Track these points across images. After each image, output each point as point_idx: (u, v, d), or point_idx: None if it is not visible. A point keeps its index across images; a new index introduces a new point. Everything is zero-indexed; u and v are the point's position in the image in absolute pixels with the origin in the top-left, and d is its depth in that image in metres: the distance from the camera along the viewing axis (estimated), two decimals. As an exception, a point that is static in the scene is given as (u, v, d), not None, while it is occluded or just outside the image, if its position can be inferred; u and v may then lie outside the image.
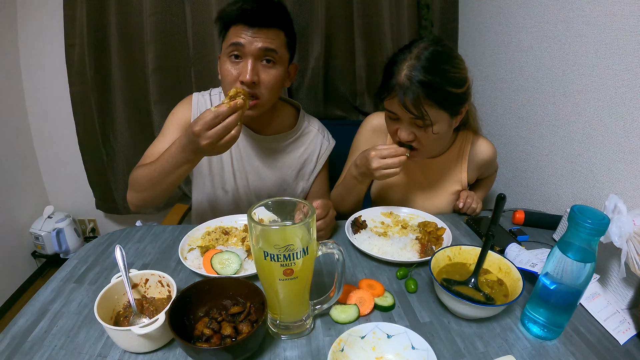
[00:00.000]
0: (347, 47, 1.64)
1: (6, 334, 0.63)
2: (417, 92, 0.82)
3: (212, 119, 0.75)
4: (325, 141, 1.16)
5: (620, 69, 0.90)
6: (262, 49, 0.88)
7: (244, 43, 0.87)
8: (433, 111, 0.84)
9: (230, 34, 0.90)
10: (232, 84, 0.90)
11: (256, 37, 0.87)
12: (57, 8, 1.64)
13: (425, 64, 0.82)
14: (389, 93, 0.87)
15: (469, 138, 1.07)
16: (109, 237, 0.93)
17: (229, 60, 0.91)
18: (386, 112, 0.94)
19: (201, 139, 0.76)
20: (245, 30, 0.88)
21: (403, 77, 0.83)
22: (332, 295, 0.66)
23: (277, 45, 0.90)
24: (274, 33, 0.90)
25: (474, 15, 1.56)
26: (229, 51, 0.90)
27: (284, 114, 1.11)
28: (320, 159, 1.15)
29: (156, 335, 0.58)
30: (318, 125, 1.17)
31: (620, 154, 0.92)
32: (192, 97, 1.08)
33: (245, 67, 0.88)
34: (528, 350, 0.62)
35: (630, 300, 0.71)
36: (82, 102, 1.74)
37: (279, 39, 0.91)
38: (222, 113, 0.76)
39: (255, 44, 0.87)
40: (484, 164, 1.09)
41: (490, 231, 0.77)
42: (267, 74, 0.91)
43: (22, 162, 1.93)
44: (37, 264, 2.07)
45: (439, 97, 0.83)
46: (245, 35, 0.87)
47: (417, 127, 0.89)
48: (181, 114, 1.06)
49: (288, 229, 0.56)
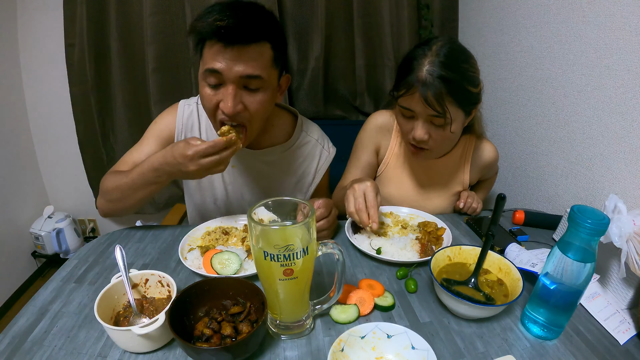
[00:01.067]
0: (347, 47, 1.65)
1: (6, 334, 0.63)
2: (439, 88, 0.81)
3: (208, 147, 0.72)
4: (324, 152, 1.07)
5: (620, 69, 0.90)
6: (244, 76, 0.76)
7: (221, 70, 0.75)
8: (453, 108, 0.84)
9: (206, 53, 0.77)
10: (213, 111, 0.81)
11: (236, 61, 0.74)
12: (57, 8, 1.65)
13: (446, 60, 0.81)
14: (408, 89, 0.84)
15: (472, 140, 1.07)
16: (109, 237, 0.93)
17: (206, 84, 0.79)
18: (400, 110, 0.91)
19: (191, 164, 0.73)
20: (222, 51, 0.74)
21: (425, 73, 0.81)
22: (332, 295, 0.66)
23: (261, 67, 0.77)
24: (256, 52, 0.75)
25: (474, 15, 1.56)
26: (205, 76, 0.78)
27: (280, 123, 1.03)
28: (319, 171, 1.08)
29: (156, 335, 0.58)
30: (317, 134, 1.08)
31: (620, 154, 0.92)
32: (178, 105, 1.00)
33: (226, 95, 0.77)
34: (528, 350, 0.62)
35: (630, 300, 0.71)
36: (82, 102, 1.74)
37: (263, 58, 0.77)
38: (219, 145, 0.73)
39: (235, 70, 0.75)
40: (486, 166, 1.09)
41: (490, 231, 0.77)
42: (252, 100, 0.80)
43: (22, 162, 1.93)
44: (37, 264, 2.07)
45: (458, 94, 0.83)
46: (223, 59, 0.74)
47: (433, 126, 0.88)
48: (164, 124, 0.98)
49: (288, 229, 0.56)
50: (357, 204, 0.84)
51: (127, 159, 0.95)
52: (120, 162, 0.95)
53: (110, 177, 0.88)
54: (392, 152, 1.09)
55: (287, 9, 1.56)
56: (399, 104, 0.90)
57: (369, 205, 0.84)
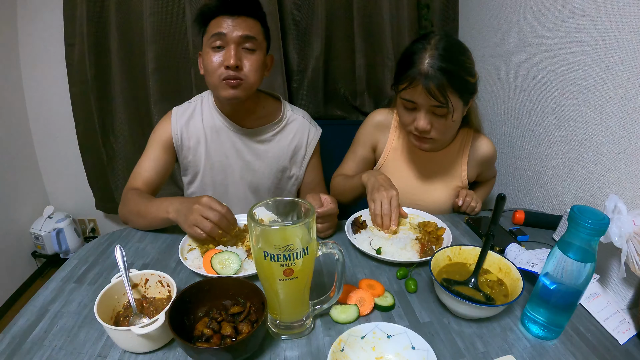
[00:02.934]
0: (347, 47, 1.64)
1: (6, 334, 0.63)
2: (441, 79, 0.85)
3: (217, 206, 0.83)
4: (312, 127, 1.18)
5: (620, 69, 0.90)
6: (243, 36, 0.94)
7: (226, 32, 0.93)
8: (453, 98, 0.88)
9: (211, 26, 0.95)
10: (217, 71, 0.95)
11: (237, 25, 0.93)
12: (57, 8, 1.65)
13: (445, 53, 0.86)
14: (411, 82, 0.88)
15: (470, 135, 1.09)
16: (109, 237, 0.93)
17: (212, 50, 0.95)
18: (402, 102, 0.95)
19: (199, 205, 0.82)
20: (225, 20, 0.93)
21: (426, 66, 0.86)
22: (332, 295, 0.66)
23: (255, 32, 0.96)
24: (252, 21, 0.96)
25: (474, 15, 1.56)
26: (211, 42, 0.95)
27: (267, 105, 1.13)
28: (310, 145, 1.17)
29: (156, 335, 0.58)
30: (302, 113, 1.19)
31: (620, 154, 0.92)
32: (172, 112, 1.10)
33: (228, 54, 0.94)
34: (528, 350, 0.62)
35: (630, 300, 0.71)
36: (82, 102, 1.74)
37: (257, 27, 0.97)
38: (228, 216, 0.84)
39: (236, 32, 0.93)
40: (484, 161, 1.10)
41: (490, 231, 0.77)
42: (249, 59, 0.97)
43: (22, 162, 1.93)
44: (37, 264, 2.07)
45: (458, 84, 0.88)
46: (227, 25, 0.93)
47: (435, 116, 0.92)
48: (162, 131, 1.08)
49: (288, 229, 0.56)
50: (383, 209, 0.91)
51: (138, 171, 1.06)
52: (134, 175, 1.06)
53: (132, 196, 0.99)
54: (390, 146, 1.12)
55: (287, 9, 1.56)
56: (401, 97, 0.94)
57: (393, 212, 0.91)
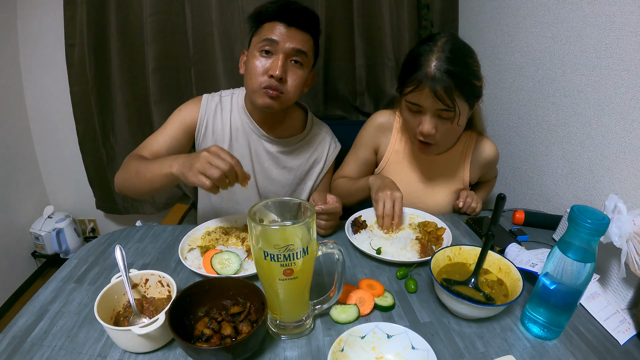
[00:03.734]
0: (347, 47, 1.64)
1: (6, 334, 0.63)
2: (448, 83, 0.84)
3: (227, 156, 0.76)
4: (333, 143, 1.17)
5: (620, 69, 0.90)
6: (295, 50, 0.91)
7: (278, 40, 0.89)
8: (460, 102, 0.87)
9: (265, 29, 0.92)
10: (259, 76, 0.92)
11: (291, 36, 0.90)
12: (57, 8, 1.64)
13: (452, 55, 0.85)
14: (417, 85, 0.87)
15: (473, 138, 1.08)
16: (109, 237, 0.93)
17: (259, 54, 0.92)
18: (407, 106, 0.93)
19: (208, 152, 0.75)
20: (280, 27, 0.90)
21: (433, 69, 0.84)
22: (332, 295, 0.66)
23: (307, 48, 0.93)
24: (306, 36, 0.93)
25: (474, 15, 1.56)
26: (260, 45, 0.91)
27: (295, 116, 1.12)
28: (328, 160, 1.16)
29: (156, 335, 0.58)
30: (326, 128, 1.18)
31: (620, 154, 0.92)
32: (203, 98, 1.07)
33: (275, 63, 0.90)
34: (528, 350, 0.62)
35: (630, 300, 0.71)
36: (82, 102, 1.73)
37: (309, 43, 0.94)
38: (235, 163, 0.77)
39: (289, 43, 0.90)
40: (486, 164, 1.10)
41: (490, 231, 0.77)
42: (294, 73, 0.94)
43: (22, 162, 1.93)
44: (37, 264, 2.07)
45: (465, 87, 0.86)
46: (280, 33, 0.90)
47: (440, 120, 0.91)
48: (188, 112, 1.05)
49: (288, 229, 0.56)
50: (387, 209, 0.92)
51: (150, 141, 1.02)
52: (144, 144, 1.02)
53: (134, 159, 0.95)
54: (392, 149, 1.11)
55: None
56: (407, 100, 0.92)
57: (396, 214, 0.92)
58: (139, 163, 0.91)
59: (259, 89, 0.93)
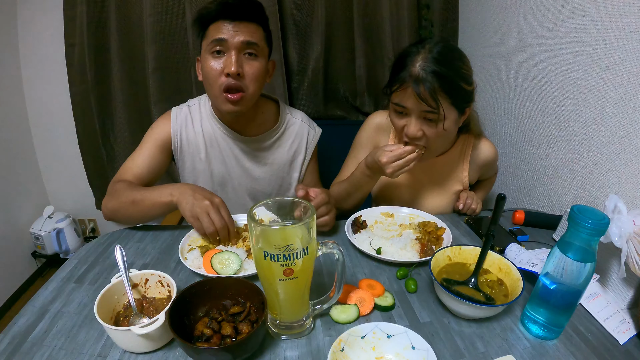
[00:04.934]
0: (347, 47, 1.64)
1: (6, 334, 0.63)
2: (432, 83, 0.82)
3: (226, 215, 0.84)
4: (311, 129, 1.16)
5: (620, 69, 0.90)
6: (245, 42, 0.90)
7: (226, 38, 0.89)
8: (446, 105, 0.85)
9: (211, 30, 0.91)
10: (217, 79, 0.92)
11: (238, 31, 0.89)
12: (57, 8, 1.64)
13: (439, 57, 0.83)
14: (401, 84, 0.86)
15: (471, 139, 1.08)
16: (109, 237, 0.93)
17: (211, 56, 0.92)
18: (393, 107, 0.92)
19: (210, 203, 0.83)
20: (226, 25, 0.89)
21: (417, 69, 0.83)
22: (332, 295, 0.66)
23: (257, 38, 0.92)
24: (254, 26, 0.92)
25: (474, 15, 1.56)
26: (210, 47, 0.91)
27: (267, 110, 1.11)
28: (309, 148, 1.16)
29: (156, 335, 0.58)
30: (301, 115, 1.16)
31: (620, 154, 0.92)
32: (171, 112, 1.08)
33: (229, 60, 0.90)
34: (528, 350, 0.62)
35: (630, 300, 0.71)
36: (82, 102, 1.73)
37: (258, 33, 0.93)
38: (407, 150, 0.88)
39: (237, 38, 0.89)
40: (485, 164, 1.10)
41: (490, 231, 0.77)
42: (250, 66, 0.93)
43: (22, 162, 1.93)
44: (37, 264, 2.07)
45: (452, 90, 0.84)
46: (227, 30, 0.89)
47: (426, 122, 0.89)
48: (160, 129, 1.06)
49: (288, 229, 0.56)
50: (403, 149, 0.90)
51: (129, 165, 1.02)
52: (124, 169, 1.02)
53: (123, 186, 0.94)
54: None
55: (287, 9, 1.55)
56: (392, 101, 0.91)
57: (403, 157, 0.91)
58: (132, 191, 0.92)
59: (220, 93, 0.93)
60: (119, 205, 0.93)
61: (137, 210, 0.90)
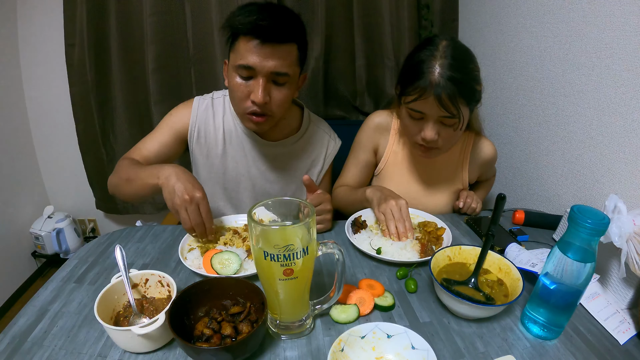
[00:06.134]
0: (347, 47, 1.65)
1: (6, 334, 0.63)
2: (452, 90, 0.82)
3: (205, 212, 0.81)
4: (332, 141, 1.14)
5: (620, 69, 0.90)
6: (274, 73, 0.85)
7: (254, 65, 0.83)
8: (463, 108, 0.86)
9: (241, 47, 0.84)
10: (242, 102, 0.88)
11: (268, 57, 0.83)
12: (57, 8, 1.65)
13: (454, 62, 0.83)
14: (421, 94, 0.85)
15: (471, 138, 1.08)
16: (109, 237, 0.93)
17: (238, 76, 0.87)
18: (409, 112, 0.91)
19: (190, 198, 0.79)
20: (257, 47, 0.82)
21: (437, 76, 0.82)
22: (332, 295, 0.66)
23: (289, 64, 0.86)
24: (286, 51, 0.84)
25: (473, 15, 1.56)
26: (238, 70, 0.86)
27: (290, 115, 1.09)
28: (327, 159, 1.14)
29: (156, 335, 0.58)
30: (324, 125, 1.15)
31: (620, 154, 0.92)
32: (194, 101, 1.04)
33: (257, 87, 0.85)
34: (528, 350, 0.62)
35: (630, 300, 0.71)
36: (82, 102, 1.74)
37: (291, 57, 0.86)
38: (207, 225, 0.82)
39: (267, 66, 0.83)
40: (484, 163, 1.10)
41: (490, 231, 0.77)
42: (278, 92, 0.88)
43: (22, 162, 1.93)
44: (37, 264, 2.07)
45: (468, 94, 0.85)
46: (257, 56, 0.82)
47: (443, 126, 0.89)
48: (178, 118, 1.03)
49: (288, 229, 0.56)
50: (395, 217, 0.88)
51: (140, 147, 1.01)
52: (135, 149, 1.01)
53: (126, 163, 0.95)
54: (390, 150, 1.10)
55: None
56: (410, 108, 0.90)
57: (406, 220, 0.88)
58: (130, 169, 0.91)
59: (244, 114, 0.90)
60: (117, 181, 0.93)
61: (130, 188, 0.89)
